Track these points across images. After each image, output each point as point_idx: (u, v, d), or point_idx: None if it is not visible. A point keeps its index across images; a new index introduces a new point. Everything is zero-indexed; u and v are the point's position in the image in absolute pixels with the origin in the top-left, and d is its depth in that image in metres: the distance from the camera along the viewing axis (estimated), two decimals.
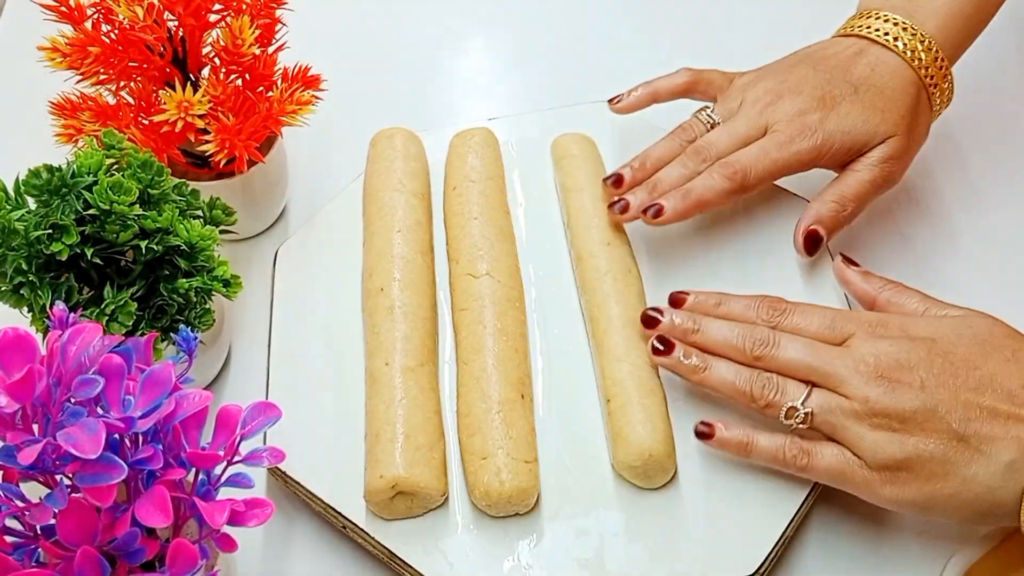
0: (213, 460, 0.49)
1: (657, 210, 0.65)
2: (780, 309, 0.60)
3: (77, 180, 0.57)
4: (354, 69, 0.88)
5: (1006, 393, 0.53)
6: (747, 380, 0.57)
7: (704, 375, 0.58)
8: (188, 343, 0.53)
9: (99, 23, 0.66)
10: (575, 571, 0.56)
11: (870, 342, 0.56)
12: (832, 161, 0.67)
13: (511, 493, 0.57)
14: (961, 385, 0.53)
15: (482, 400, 0.60)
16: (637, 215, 0.66)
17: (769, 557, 0.57)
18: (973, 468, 0.52)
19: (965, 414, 0.53)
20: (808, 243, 0.66)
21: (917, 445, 0.53)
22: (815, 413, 0.55)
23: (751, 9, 0.93)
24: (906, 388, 0.54)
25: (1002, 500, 0.52)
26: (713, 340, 0.59)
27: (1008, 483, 0.52)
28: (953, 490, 0.52)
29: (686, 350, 0.59)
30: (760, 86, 0.69)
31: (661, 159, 0.68)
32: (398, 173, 0.71)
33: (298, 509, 0.64)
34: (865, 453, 0.54)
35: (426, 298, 0.66)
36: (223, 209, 0.65)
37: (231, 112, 0.67)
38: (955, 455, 0.52)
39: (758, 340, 0.58)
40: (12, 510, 0.46)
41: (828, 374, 0.56)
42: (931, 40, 0.67)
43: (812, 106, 0.67)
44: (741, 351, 0.58)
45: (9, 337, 0.45)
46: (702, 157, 0.67)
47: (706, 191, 0.65)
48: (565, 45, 0.91)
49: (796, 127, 0.66)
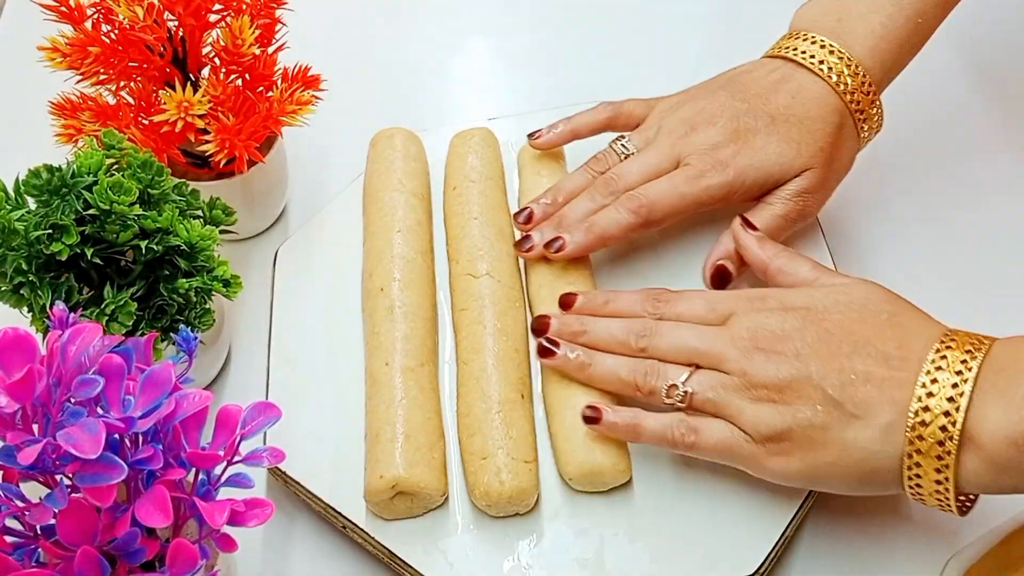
0: (213, 460, 0.49)
1: (560, 246, 0.64)
2: (664, 299, 0.60)
3: (77, 180, 0.57)
4: (354, 69, 0.88)
5: (881, 356, 0.53)
6: (631, 369, 0.58)
7: (591, 371, 0.59)
8: (188, 343, 0.53)
9: (99, 23, 0.66)
10: (575, 571, 0.57)
11: (748, 316, 0.57)
12: (745, 195, 0.66)
13: (511, 493, 0.57)
14: (835, 351, 0.53)
15: (482, 400, 0.60)
16: (541, 252, 0.65)
17: (769, 557, 0.57)
18: (851, 432, 0.52)
19: (840, 379, 0.53)
20: (716, 279, 0.65)
21: (795, 414, 0.53)
22: (695, 391, 0.56)
23: (751, 9, 0.93)
24: (781, 357, 0.54)
25: (883, 464, 0.52)
26: (600, 338, 0.60)
27: (887, 445, 0.52)
28: (834, 457, 0.53)
29: (571, 348, 0.60)
30: (676, 115, 0.67)
31: (571, 192, 0.67)
32: (398, 173, 0.71)
33: (298, 509, 0.64)
34: (747, 425, 0.54)
35: (426, 298, 0.66)
36: (223, 209, 0.65)
37: (231, 112, 0.67)
38: (833, 421, 0.52)
39: (640, 331, 0.59)
40: (12, 510, 0.46)
41: (708, 353, 0.56)
42: (859, 64, 0.65)
43: (726, 138, 0.65)
44: (625, 344, 0.59)
45: (9, 337, 0.45)
46: (610, 189, 0.66)
47: (609, 225, 0.64)
48: (565, 45, 0.91)
49: (708, 161, 0.65)
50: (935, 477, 0.51)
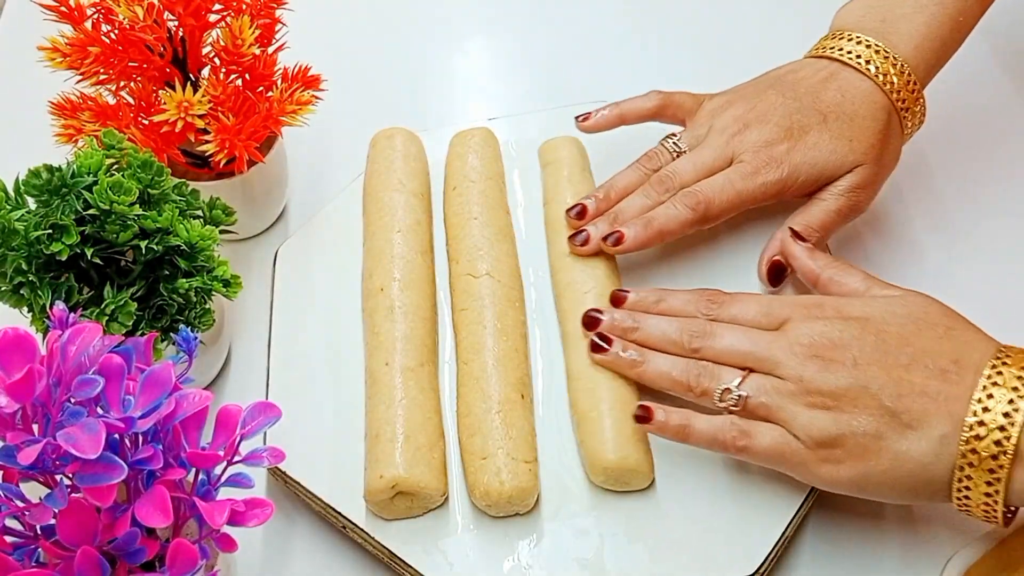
0: (213, 460, 0.49)
1: (617, 238, 0.64)
2: (718, 301, 0.60)
3: (77, 180, 0.57)
4: (354, 69, 0.88)
5: (938, 369, 0.53)
6: (683, 370, 0.58)
7: (642, 369, 0.59)
8: (188, 343, 0.53)
9: (99, 23, 0.66)
10: (575, 571, 0.56)
11: (805, 324, 0.56)
12: (799, 191, 0.67)
13: (511, 493, 0.57)
14: (893, 362, 0.54)
15: (482, 400, 0.60)
16: (598, 246, 0.65)
17: (769, 557, 0.57)
18: (905, 443, 0.52)
19: (897, 390, 0.53)
20: (772, 274, 0.65)
21: (850, 421, 0.53)
22: (749, 395, 0.56)
23: (752, 10, 0.93)
24: (839, 366, 0.54)
25: (934, 475, 0.52)
26: (652, 336, 0.60)
27: (940, 458, 0.52)
28: (887, 466, 0.53)
29: (624, 345, 0.60)
30: (728, 113, 0.68)
31: (625, 189, 0.67)
32: (398, 173, 0.71)
33: (298, 509, 0.64)
34: (799, 431, 0.54)
35: (426, 298, 0.66)
36: (223, 209, 0.65)
37: (231, 112, 0.67)
38: (887, 430, 0.53)
39: (694, 331, 0.58)
40: (12, 510, 0.46)
41: (764, 358, 0.56)
42: (904, 63, 0.66)
43: (779, 136, 0.66)
44: (679, 344, 0.59)
45: (9, 337, 0.45)
46: (665, 187, 0.66)
47: (668, 221, 0.65)
48: (565, 45, 0.91)
49: (763, 158, 0.65)
50: (985, 490, 0.51)
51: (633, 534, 0.58)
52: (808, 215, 0.66)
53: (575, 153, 0.73)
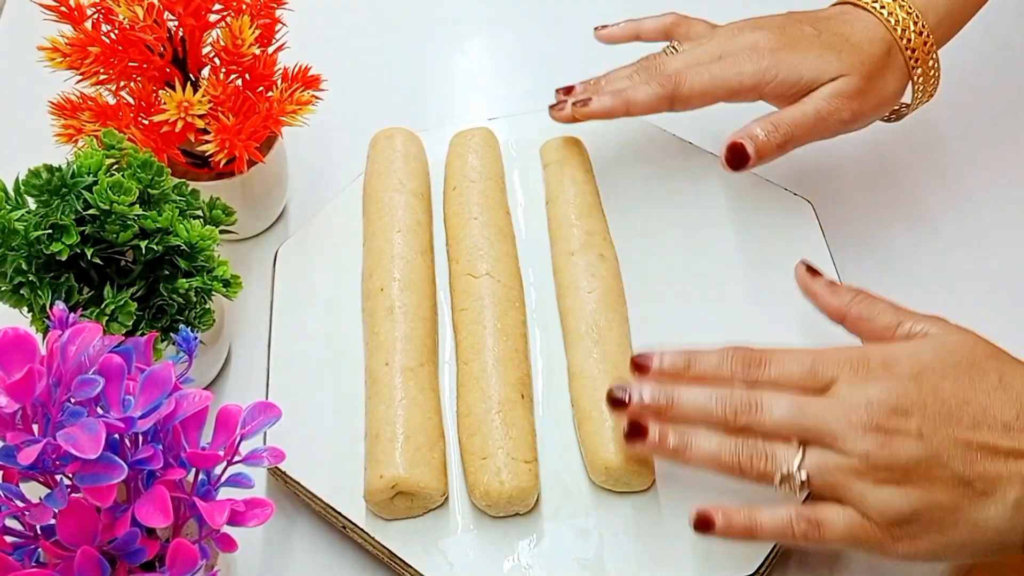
0: (213, 460, 0.49)
1: (584, 101, 0.68)
2: (756, 362, 0.55)
3: (77, 180, 0.57)
4: (354, 69, 0.88)
5: (1001, 426, 0.51)
6: (733, 452, 0.53)
7: (687, 455, 0.54)
8: (188, 343, 0.53)
9: (99, 23, 0.66)
10: (575, 571, 0.56)
11: (856, 387, 0.52)
12: (778, 91, 0.67)
13: (511, 493, 0.57)
14: (956, 424, 0.51)
15: (482, 400, 0.60)
16: (570, 112, 0.69)
17: (769, 557, 0.57)
18: (983, 513, 0.50)
19: (966, 456, 0.50)
20: (731, 155, 0.65)
21: (923, 496, 0.50)
22: (812, 476, 0.51)
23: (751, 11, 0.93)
24: (904, 437, 0.51)
25: (1012, 538, 0.50)
26: (690, 412, 0.54)
27: (1017, 522, 0.50)
28: (965, 537, 0.50)
29: (661, 431, 0.54)
30: (730, 25, 0.70)
31: (617, 76, 0.70)
32: (398, 173, 0.71)
33: (298, 509, 0.64)
34: (871, 511, 0.51)
35: (426, 298, 0.66)
36: (223, 209, 0.65)
37: (231, 112, 0.67)
38: (963, 501, 0.50)
39: (740, 406, 0.53)
40: (12, 510, 0.46)
41: (820, 431, 0.52)
42: (918, 13, 0.67)
43: (769, 38, 0.67)
44: (722, 420, 0.53)
45: (9, 337, 0.45)
46: (649, 71, 0.68)
47: (636, 92, 0.67)
48: (565, 45, 0.91)
49: (746, 51, 0.67)
50: None
51: (633, 534, 0.58)
52: (784, 111, 0.66)
53: (577, 152, 0.73)
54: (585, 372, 0.61)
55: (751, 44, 0.67)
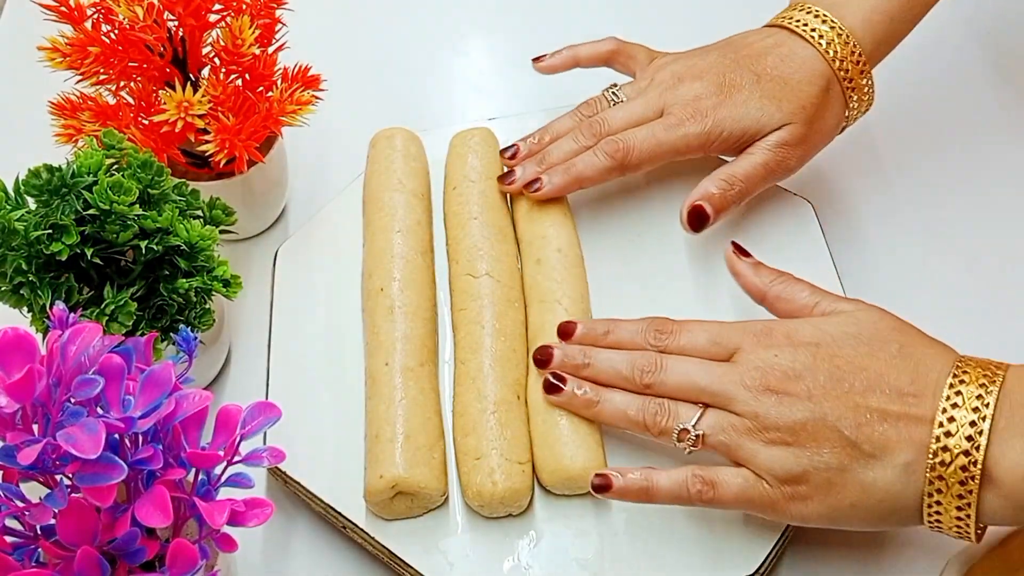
0: (213, 460, 0.49)
1: (537, 187, 0.67)
2: (667, 331, 0.58)
3: (77, 180, 0.57)
4: (354, 69, 0.88)
5: (895, 392, 0.52)
6: (639, 409, 0.56)
7: (598, 408, 0.57)
8: (188, 343, 0.53)
9: (99, 23, 0.66)
10: (575, 571, 0.57)
11: (755, 353, 0.55)
12: (723, 147, 0.68)
13: (503, 494, 0.57)
14: (849, 389, 0.52)
15: (478, 400, 0.60)
16: (520, 189, 0.68)
17: (769, 557, 0.57)
18: (871, 474, 0.51)
19: (856, 419, 0.52)
20: (692, 218, 0.66)
21: (812, 457, 0.52)
22: (707, 434, 0.54)
23: (752, 11, 0.93)
24: (793, 399, 0.53)
25: (904, 503, 0.51)
26: (603, 372, 0.58)
27: (908, 485, 0.51)
28: (855, 498, 0.52)
29: (579, 383, 0.58)
30: (668, 69, 0.70)
31: (559, 133, 0.70)
32: (398, 173, 0.71)
33: (298, 509, 0.64)
34: (762, 469, 0.53)
35: (426, 298, 0.66)
36: (223, 209, 0.65)
37: (231, 112, 0.67)
38: (851, 462, 0.51)
39: (645, 367, 0.57)
40: (12, 510, 0.46)
41: (717, 393, 0.55)
42: (849, 35, 0.67)
43: (710, 91, 0.67)
44: (631, 380, 0.57)
45: (9, 337, 0.45)
46: (593, 132, 0.68)
47: (586, 168, 0.67)
48: (565, 45, 0.91)
49: (688, 111, 0.67)
50: (956, 514, 0.51)
51: (633, 534, 0.58)
52: (734, 166, 0.67)
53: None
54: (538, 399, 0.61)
55: (692, 99, 0.67)
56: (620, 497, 0.56)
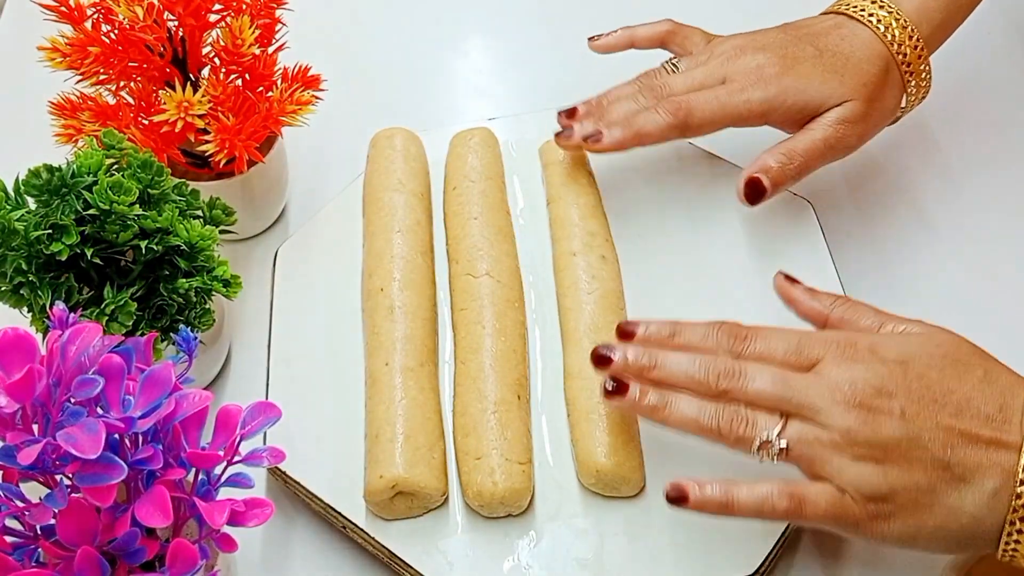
0: (213, 460, 0.49)
1: (597, 137, 0.67)
2: (741, 336, 0.55)
3: (77, 180, 0.57)
4: (354, 69, 0.88)
5: (984, 417, 0.51)
6: (713, 415, 0.53)
7: (666, 414, 0.54)
8: (188, 343, 0.53)
9: (99, 23, 0.66)
10: (575, 571, 0.57)
11: (842, 366, 0.52)
12: (785, 117, 0.68)
13: (503, 494, 0.57)
14: (940, 410, 0.51)
15: (478, 400, 0.60)
16: (579, 143, 0.68)
17: (769, 557, 0.57)
18: (959, 497, 0.50)
19: (947, 441, 0.50)
20: (749, 190, 0.66)
21: (901, 476, 0.50)
22: (791, 446, 0.52)
23: (754, 10, 0.93)
24: (886, 416, 0.51)
25: (986, 529, 0.50)
26: (673, 375, 0.54)
27: (993, 512, 0.50)
28: (940, 521, 0.50)
29: (642, 389, 0.54)
30: (728, 43, 0.70)
31: (619, 98, 0.70)
32: (398, 173, 0.71)
33: (298, 509, 0.64)
34: (848, 485, 0.51)
35: (426, 298, 0.66)
36: (223, 209, 0.65)
37: (231, 112, 0.67)
38: (940, 484, 0.50)
39: (723, 371, 0.53)
40: (12, 510, 0.46)
41: (802, 404, 0.52)
42: (907, 20, 0.67)
43: (772, 61, 0.67)
44: (704, 384, 0.54)
45: (9, 337, 0.45)
46: (655, 94, 0.68)
47: (647, 123, 0.66)
48: (565, 45, 0.91)
49: (752, 78, 0.67)
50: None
51: (633, 534, 0.58)
52: (794, 140, 0.67)
53: (578, 153, 0.73)
54: (582, 373, 0.61)
55: (755, 68, 0.67)
56: (698, 509, 0.53)
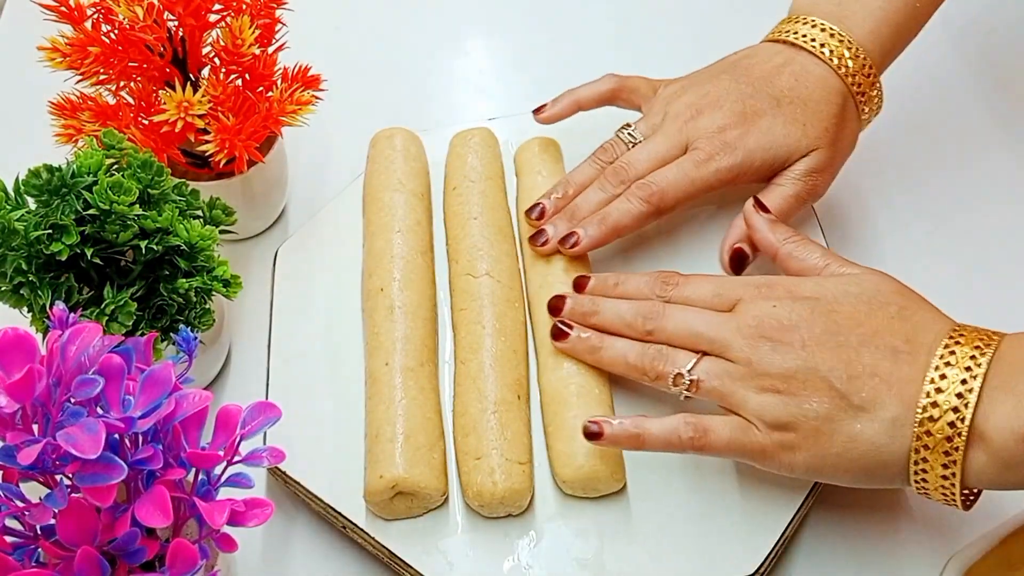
0: (213, 460, 0.49)
1: (574, 241, 0.65)
2: (672, 282, 0.60)
3: (77, 180, 0.57)
4: (354, 69, 0.88)
5: (889, 349, 0.53)
6: (639, 354, 0.58)
7: (600, 354, 0.59)
8: (188, 343, 0.53)
9: (99, 23, 0.66)
10: (575, 571, 0.57)
11: (755, 304, 0.56)
12: (754, 177, 0.67)
13: (503, 494, 0.57)
14: (843, 343, 0.53)
15: (478, 400, 0.60)
16: (555, 247, 0.66)
17: (769, 557, 0.57)
18: (858, 425, 0.52)
19: (847, 371, 0.52)
20: (734, 262, 0.65)
21: (801, 405, 0.53)
22: (701, 379, 0.56)
23: (752, 10, 0.93)
24: (787, 348, 0.54)
25: (889, 458, 0.52)
26: (609, 319, 0.60)
27: (894, 440, 0.51)
28: (840, 449, 0.52)
29: (583, 330, 0.60)
30: (681, 100, 0.68)
31: (582, 184, 0.68)
32: (398, 173, 0.71)
33: (298, 509, 0.64)
34: (752, 415, 0.54)
35: (426, 298, 0.66)
36: (223, 209, 0.65)
37: (231, 112, 0.67)
38: (839, 413, 0.52)
39: (647, 314, 0.59)
40: (12, 510, 0.46)
41: (714, 339, 0.56)
42: (859, 47, 0.66)
43: (733, 121, 0.66)
44: (633, 326, 0.59)
45: (9, 337, 0.45)
46: (620, 178, 0.66)
47: (622, 216, 0.65)
48: (565, 45, 0.91)
49: (716, 144, 0.65)
50: (942, 472, 0.51)
51: (633, 534, 0.58)
52: (767, 199, 0.66)
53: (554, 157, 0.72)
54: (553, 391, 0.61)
55: (717, 131, 0.66)
56: (612, 444, 0.56)
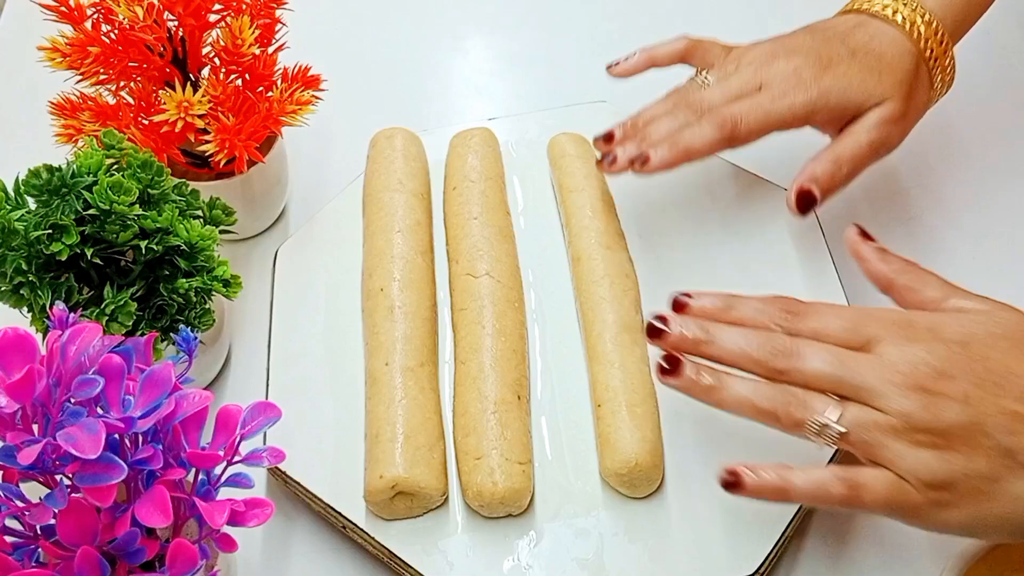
0: (213, 460, 0.49)
1: (644, 159, 0.64)
2: (796, 311, 0.54)
3: (77, 180, 0.57)
4: (354, 69, 0.88)
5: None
6: (769, 398, 0.51)
7: (721, 396, 0.52)
8: (188, 343, 0.53)
9: (99, 23, 0.66)
10: (575, 571, 0.57)
11: (900, 347, 0.50)
12: (826, 119, 0.66)
13: (503, 494, 0.57)
14: (1003, 395, 0.48)
15: (478, 400, 0.60)
16: (626, 167, 0.65)
17: (769, 557, 0.57)
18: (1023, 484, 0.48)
19: (1011, 427, 0.48)
20: (801, 201, 0.64)
21: (963, 462, 0.48)
22: (849, 432, 0.50)
23: (755, 10, 0.93)
24: (947, 400, 0.49)
25: None
26: (727, 352, 0.53)
27: None
28: (1005, 510, 0.48)
29: (697, 368, 0.53)
30: (757, 49, 0.68)
31: (654, 116, 0.67)
32: (398, 173, 0.71)
33: (298, 509, 0.64)
34: (907, 472, 0.49)
35: (426, 298, 0.66)
36: (223, 209, 0.65)
37: (231, 112, 0.67)
38: (1004, 472, 0.48)
39: (779, 351, 0.52)
40: (12, 510, 0.46)
41: (859, 387, 0.50)
42: (931, 14, 0.67)
43: (808, 63, 0.66)
44: (759, 363, 0.52)
45: (9, 337, 0.45)
46: (693, 109, 0.66)
47: (694, 139, 0.64)
48: (565, 45, 0.91)
49: (791, 82, 0.65)
50: None
51: (633, 534, 0.58)
52: (839, 146, 0.65)
53: (586, 148, 0.72)
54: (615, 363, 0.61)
55: (792, 72, 0.66)
56: (754, 496, 0.51)
